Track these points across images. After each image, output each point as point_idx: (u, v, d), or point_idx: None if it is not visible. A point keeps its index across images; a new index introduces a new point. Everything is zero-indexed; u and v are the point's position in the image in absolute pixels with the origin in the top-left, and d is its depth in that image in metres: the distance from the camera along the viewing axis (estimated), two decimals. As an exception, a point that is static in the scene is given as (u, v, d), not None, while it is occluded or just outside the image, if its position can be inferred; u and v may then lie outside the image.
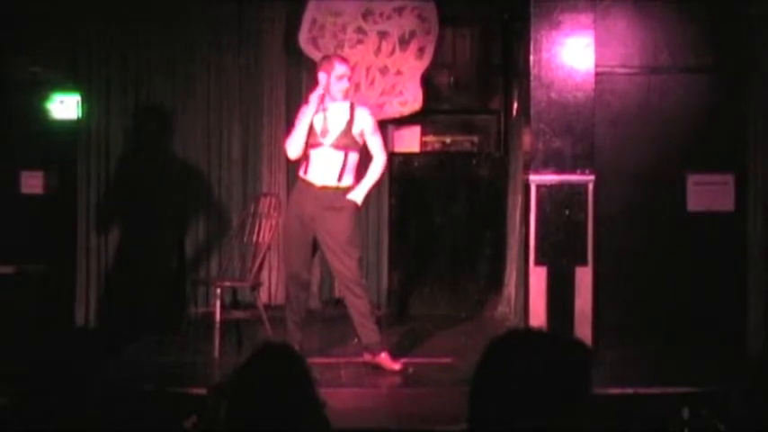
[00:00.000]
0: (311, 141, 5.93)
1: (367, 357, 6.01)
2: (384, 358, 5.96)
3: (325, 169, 5.91)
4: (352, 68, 6.23)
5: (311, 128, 5.94)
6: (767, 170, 6.50)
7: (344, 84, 5.92)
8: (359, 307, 5.94)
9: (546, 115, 6.42)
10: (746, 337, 6.43)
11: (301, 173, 6.01)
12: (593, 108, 6.44)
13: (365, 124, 5.96)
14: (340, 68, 5.91)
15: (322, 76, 5.95)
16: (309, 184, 5.95)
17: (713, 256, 6.59)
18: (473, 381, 1.93)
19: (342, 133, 5.91)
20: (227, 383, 2.47)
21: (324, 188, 5.91)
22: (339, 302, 7.50)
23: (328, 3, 7.62)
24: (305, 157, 5.97)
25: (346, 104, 6.00)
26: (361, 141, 5.98)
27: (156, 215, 7.56)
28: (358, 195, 5.96)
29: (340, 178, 5.91)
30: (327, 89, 5.92)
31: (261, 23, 7.71)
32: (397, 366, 5.95)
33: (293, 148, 5.97)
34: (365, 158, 6.07)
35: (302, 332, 6.08)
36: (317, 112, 5.95)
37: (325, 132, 5.91)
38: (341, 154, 5.90)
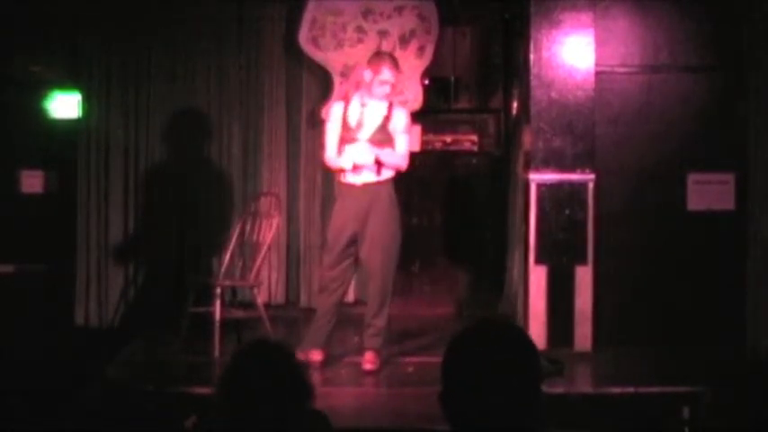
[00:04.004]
0: (345, 136, 5.91)
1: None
2: (366, 356, 5.94)
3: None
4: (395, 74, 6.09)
5: (345, 122, 5.93)
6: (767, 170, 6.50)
7: (386, 89, 5.88)
8: (371, 313, 5.95)
9: (546, 114, 6.42)
10: (746, 337, 6.42)
11: (342, 178, 6.00)
12: (593, 107, 6.44)
13: (400, 123, 5.95)
14: (386, 74, 5.85)
15: (367, 74, 5.93)
16: (351, 186, 5.93)
17: (713, 256, 6.59)
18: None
19: (378, 128, 5.90)
20: (217, 381, 2.47)
21: (366, 185, 5.90)
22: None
23: (328, 2, 7.62)
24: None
25: (385, 101, 5.98)
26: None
27: (155, 215, 7.56)
28: (365, 149, 5.85)
29: (379, 171, 5.90)
30: (369, 86, 5.90)
31: (261, 23, 7.70)
32: (367, 366, 5.91)
33: (331, 162, 6.01)
34: None
35: (326, 338, 6.05)
36: (345, 112, 5.94)
37: (360, 126, 5.90)
38: (375, 150, 5.89)
